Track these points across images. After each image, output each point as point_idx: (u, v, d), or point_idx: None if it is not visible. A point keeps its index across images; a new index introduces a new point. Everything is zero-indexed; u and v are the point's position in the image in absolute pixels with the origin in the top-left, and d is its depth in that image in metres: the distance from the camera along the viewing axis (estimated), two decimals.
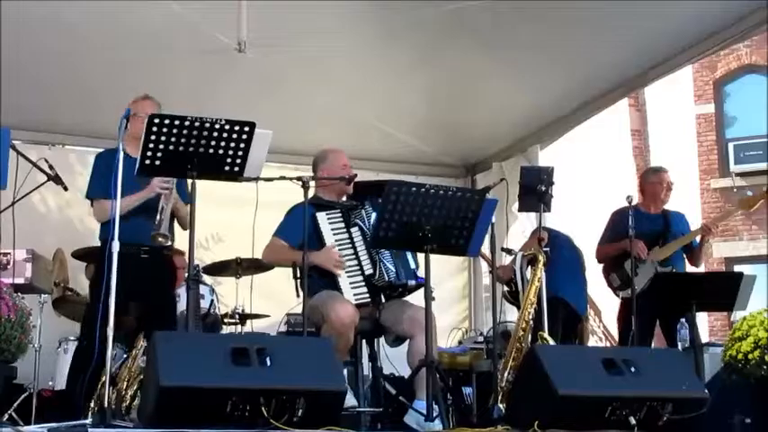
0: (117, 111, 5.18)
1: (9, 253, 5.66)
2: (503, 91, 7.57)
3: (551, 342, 5.18)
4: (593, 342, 13.00)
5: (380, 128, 8.10)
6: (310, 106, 7.48)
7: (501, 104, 7.84)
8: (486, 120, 8.15)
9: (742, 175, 15.21)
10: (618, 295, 6.93)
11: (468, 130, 8.43)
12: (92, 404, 4.65)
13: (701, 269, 7.13)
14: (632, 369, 4.46)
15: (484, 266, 9.05)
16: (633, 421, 4.30)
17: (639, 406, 4.34)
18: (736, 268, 14.37)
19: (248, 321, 7.17)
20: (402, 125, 8.22)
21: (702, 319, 6.54)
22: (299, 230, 5.14)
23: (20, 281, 5.70)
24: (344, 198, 5.67)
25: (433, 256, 4.91)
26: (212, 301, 6.72)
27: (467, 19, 6.32)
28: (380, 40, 6.72)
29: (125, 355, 6.22)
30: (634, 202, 6.57)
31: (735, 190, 14.75)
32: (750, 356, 4.69)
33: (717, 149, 16.15)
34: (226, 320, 6.99)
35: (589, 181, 13.98)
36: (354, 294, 5.27)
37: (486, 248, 5.86)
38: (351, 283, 5.30)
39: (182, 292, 6.56)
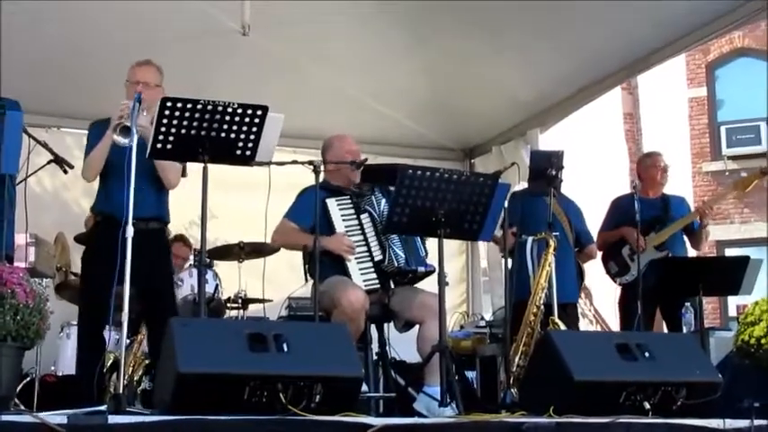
0: (115, 94, 5.16)
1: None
2: (502, 74, 7.54)
3: (563, 327, 5.16)
4: (584, 325, 13.03)
5: (379, 111, 8.05)
6: (312, 90, 7.44)
7: (500, 88, 7.81)
8: (485, 103, 8.11)
9: (734, 158, 15.25)
10: (616, 282, 6.94)
11: (466, 114, 8.39)
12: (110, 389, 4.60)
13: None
14: (646, 354, 4.45)
15: (482, 250, 9.05)
16: (648, 406, 4.30)
17: (654, 391, 4.33)
18: (728, 251, 14.45)
19: (250, 306, 7.13)
20: (401, 108, 8.18)
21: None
22: (310, 213, 5.13)
23: (24, 266, 5.59)
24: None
25: (430, 240, 4.88)
26: (216, 285, 6.68)
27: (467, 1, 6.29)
28: (382, 24, 6.69)
29: (127, 341, 6.20)
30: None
31: (727, 173, 14.83)
32: (763, 341, 4.69)
33: (709, 133, 16.17)
34: (228, 305, 6.95)
35: (581, 164, 13.96)
36: (364, 280, 5.23)
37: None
38: (360, 269, 5.26)
39: (184, 276, 6.56)
